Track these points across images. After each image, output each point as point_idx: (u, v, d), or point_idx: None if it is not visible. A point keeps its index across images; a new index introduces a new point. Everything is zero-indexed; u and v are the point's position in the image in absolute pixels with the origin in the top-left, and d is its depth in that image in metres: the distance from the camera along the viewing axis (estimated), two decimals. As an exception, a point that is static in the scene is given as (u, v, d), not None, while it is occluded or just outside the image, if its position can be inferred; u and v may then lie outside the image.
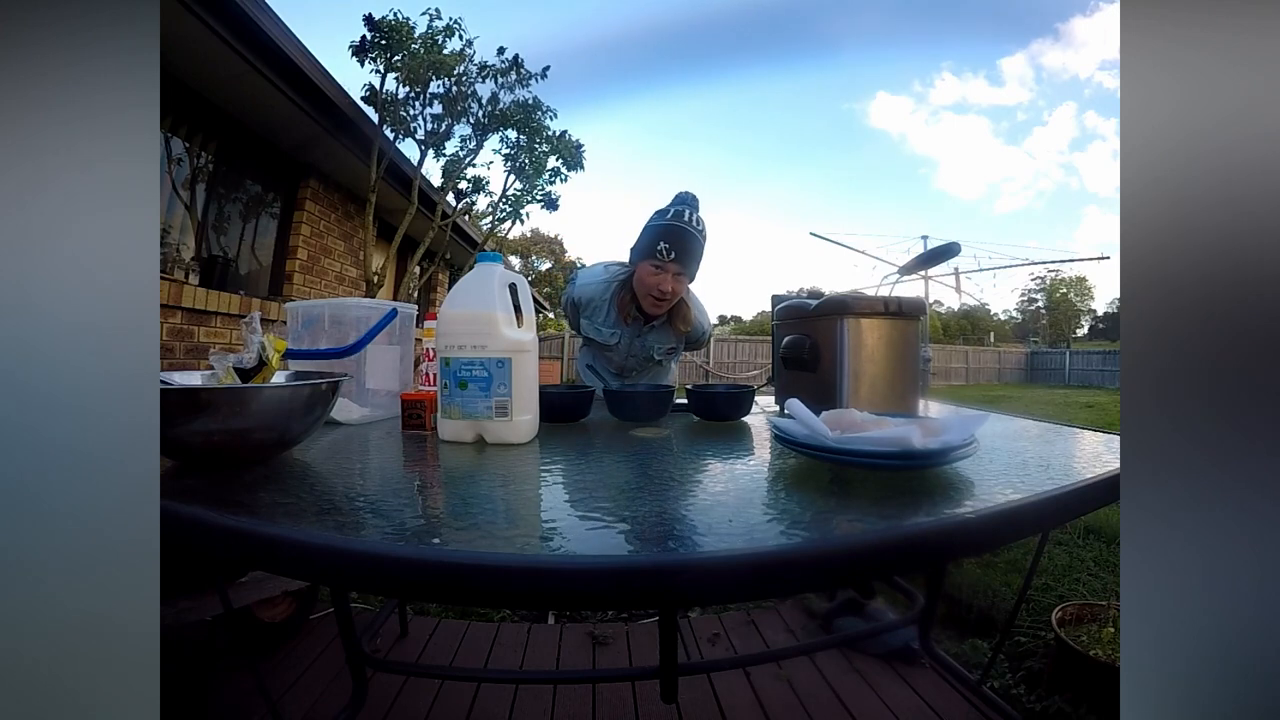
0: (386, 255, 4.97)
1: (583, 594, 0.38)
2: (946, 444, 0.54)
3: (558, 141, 5.24)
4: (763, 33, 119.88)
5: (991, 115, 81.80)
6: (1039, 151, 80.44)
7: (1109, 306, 43.25)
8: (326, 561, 0.39)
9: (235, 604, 1.22)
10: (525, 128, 4.99)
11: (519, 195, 5.40)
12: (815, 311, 1.03)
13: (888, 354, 0.97)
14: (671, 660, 0.97)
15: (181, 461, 0.60)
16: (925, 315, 1.03)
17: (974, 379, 18.86)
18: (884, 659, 1.47)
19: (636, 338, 1.51)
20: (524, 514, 0.50)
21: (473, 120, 4.84)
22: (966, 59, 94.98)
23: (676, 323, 1.49)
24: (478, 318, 0.74)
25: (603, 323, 1.49)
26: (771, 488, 0.56)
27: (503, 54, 4.81)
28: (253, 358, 0.69)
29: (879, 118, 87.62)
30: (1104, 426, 0.93)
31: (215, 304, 2.86)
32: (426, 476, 0.64)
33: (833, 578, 0.56)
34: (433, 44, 4.47)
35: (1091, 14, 74.94)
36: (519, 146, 5.14)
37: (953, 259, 1.11)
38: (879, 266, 18.12)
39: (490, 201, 5.58)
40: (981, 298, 47.08)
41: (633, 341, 1.52)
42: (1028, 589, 1.12)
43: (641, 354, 1.54)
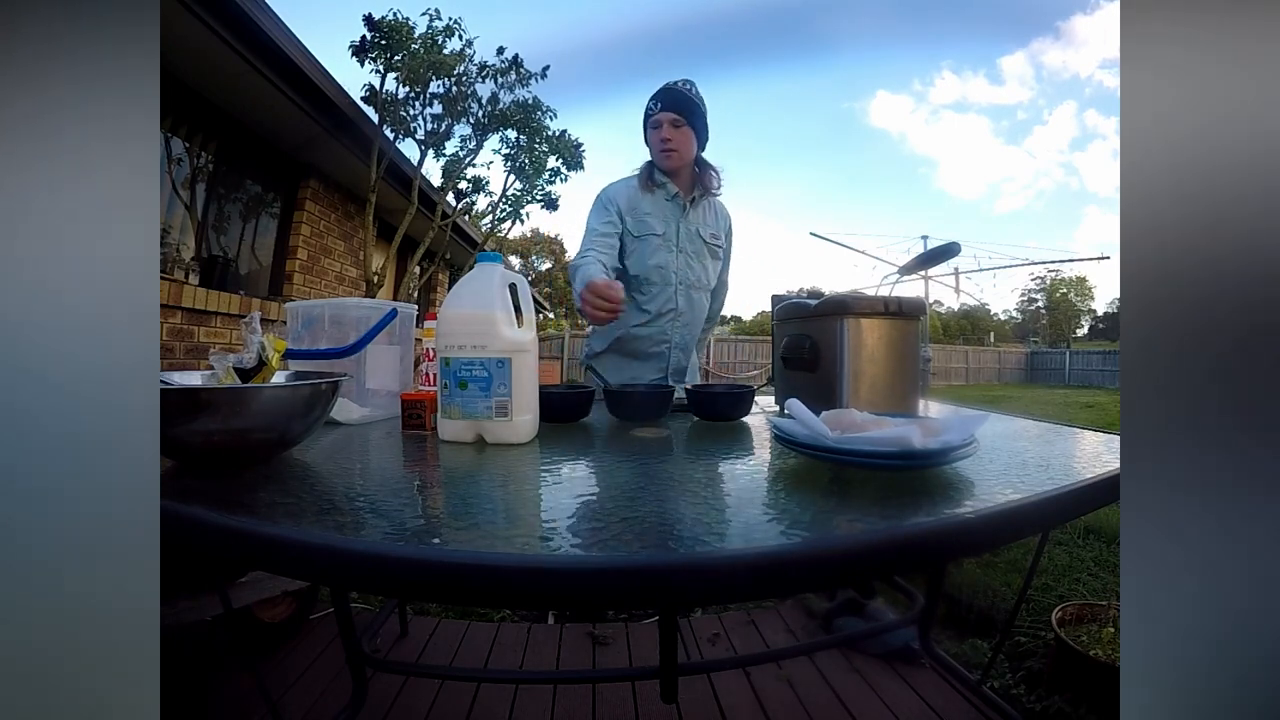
0: (386, 255, 4.97)
1: (583, 594, 0.38)
2: (946, 444, 0.54)
3: (558, 141, 5.24)
4: (762, 32, 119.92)
5: (991, 114, 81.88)
6: (1039, 151, 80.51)
7: (1109, 306, 43.27)
8: (326, 561, 0.39)
9: (235, 604, 1.23)
10: (525, 128, 5.00)
11: (519, 195, 5.40)
12: (815, 311, 1.03)
13: (888, 354, 0.97)
14: (671, 660, 0.97)
15: (181, 461, 0.60)
16: (925, 315, 1.03)
17: (974, 379, 18.86)
18: (884, 659, 1.47)
19: (682, 220, 1.56)
20: (524, 514, 0.50)
21: (473, 120, 4.85)
22: (966, 57, 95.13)
23: (708, 183, 1.58)
24: (478, 318, 0.74)
25: (648, 214, 1.54)
26: (771, 488, 0.56)
27: (502, 54, 4.82)
28: (253, 358, 0.69)
29: (879, 117, 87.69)
30: (1104, 426, 0.93)
31: (215, 304, 2.86)
32: (426, 476, 0.64)
33: (833, 578, 0.56)
34: (433, 44, 4.47)
35: (1092, 12, 74.99)
36: (519, 146, 5.15)
37: (953, 259, 1.11)
38: (879, 266, 18.13)
39: (490, 201, 5.59)
40: (981, 298, 47.13)
41: (681, 225, 1.56)
42: (1028, 589, 1.12)
43: (695, 238, 1.58)
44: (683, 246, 1.56)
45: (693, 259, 1.58)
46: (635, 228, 1.53)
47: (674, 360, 1.61)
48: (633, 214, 1.53)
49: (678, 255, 1.56)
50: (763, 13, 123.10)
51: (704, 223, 1.60)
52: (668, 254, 1.55)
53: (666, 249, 1.55)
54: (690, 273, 1.58)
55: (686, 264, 1.57)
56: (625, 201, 1.54)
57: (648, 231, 1.53)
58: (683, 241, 1.56)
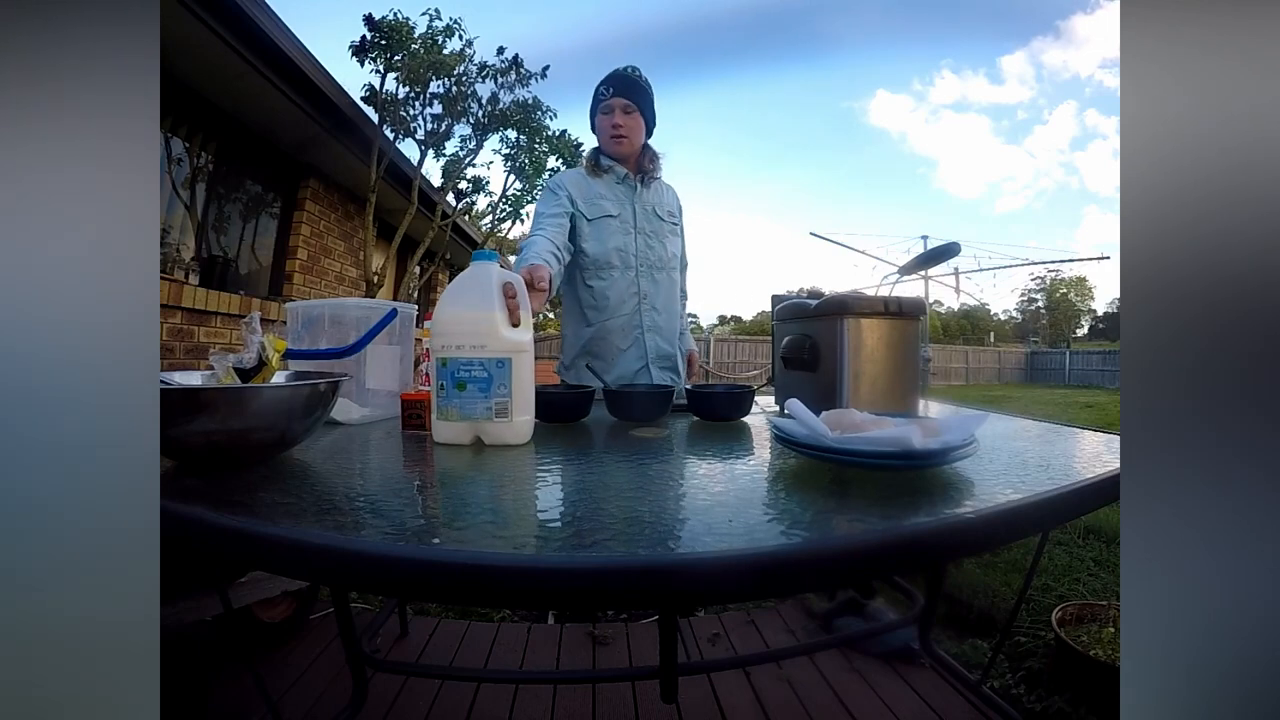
0: (386, 255, 4.97)
1: (583, 594, 0.38)
2: (946, 444, 0.54)
3: (557, 141, 5.25)
4: (762, 32, 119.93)
5: (992, 114, 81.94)
6: (1039, 150, 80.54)
7: (1109, 306, 43.26)
8: (326, 561, 0.39)
9: (235, 604, 1.22)
10: (525, 128, 5.00)
11: (519, 195, 5.41)
12: (815, 311, 1.03)
13: (888, 354, 0.97)
14: (671, 660, 0.97)
15: (181, 461, 0.60)
16: (925, 315, 1.03)
17: (974, 379, 18.86)
18: (884, 659, 1.47)
19: (636, 200, 1.55)
20: (523, 514, 0.50)
21: (473, 120, 4.85)
22: (966, 57, 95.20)
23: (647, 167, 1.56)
24: (477, 318, 0.73)
25: (601, 196, 1.53)
26: (771, 488, 0.56)
27: (502, 54, 4.81)
28: (253, 358, 0.69)
29: (879, 116, 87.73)
30: (1104, 426, 0.93)
31: (215, 304, 2.86)
32: (426, 477, 0.64)
33: (833, 578, 0.56)
34: (433, 44, 4.47)
35: (1092, 11, 75.00)
36: (519, 146, 5.15)
37: (953, 259, 1.11)
38: (879, 266, 18.09)
39: (490, 201, 5.59)
40: (981, 298, 47.09)
41: (635, 206, 1.55)
42: (1028, 589, 1.12)
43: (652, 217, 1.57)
44: (640, 227, 1.55)
45: (652, 239, 1.56)
46: (589, 210, 1.52)
47: (651, 345, 1.56)
48: (584, 198, 1.52)
49: (636, 237, 1.55)
50: (763, 12, 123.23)
51: (659, 201, 1.60)
52: (625, 236, 1.53)
53: (624, 231, 1.53)
54: (651, 253, 1.56)
55: (646, 245, 1.56)
56: (574, 187, 1.52)
57: (602, 214, 1.52)
58: (640, 222, 1.55)
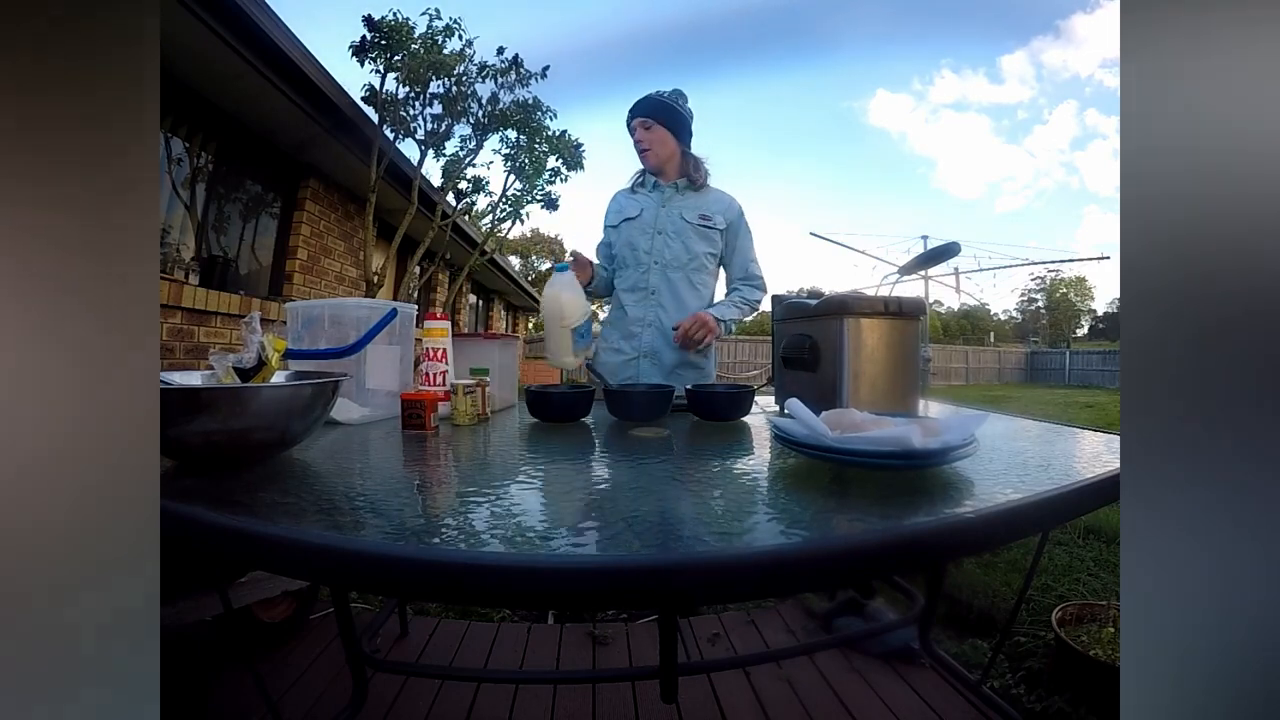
0: (386, 255, 4.96)
1: (583, 594, 0.38)
2: (946, 444, 0.54)
3: (557, 141, 5.24)
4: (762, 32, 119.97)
5: (991, 113, 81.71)
6: (1039, 150, 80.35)
7: (1109, 306, 43.24)
8: (326, 561, 0.39)
9: (235, 604, 1.22)
10: (525, 128, 4.99)
11: (519, 195, 5.40)
12: (815, 311, 1.03)
13: (888, 354, 0.97)
14: (671, 660, 0.97)
15: (181, 461, 0.60)
16: (925, 315, 1.03)
17: (974, 379, 18.86)
18: (884, 659, 1.47)
19: (662, 208, 1.61)
20: (524, 514, 0.50)
21: (473, 120, 4.84)
22: (966, 56, 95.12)
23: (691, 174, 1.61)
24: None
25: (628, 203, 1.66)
26: (771, 488, 0.56)
27: (502, 54, 4.80)
28: (252, 358, 0.69)
29: (878, 116, 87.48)
30: (1104, 426, 0.93)
31: (215, 304, 2.85)
32: (426, 476, 0.64)
33: (833, 577, 0.56)
34: (432, 44, 4.46)
35: (1092, 10, 74.78)
36: (519, 146, 5.14)
37: (953, 259, 1.11)
38: (879, 266, 18.09)
39: (490, 201, 5.59)
40: (981, 298, 47.03)
41: (659, 211, 1.61)
42: (1028, 589, 1.12)
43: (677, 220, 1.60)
44: (661, 227, 1.59)
45: (672, 238, 1.59)
46: (613, 219, 1.67)
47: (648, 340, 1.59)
48: (616, 210, 1.68)
49: (655, 236, 1.59)
50: (763, 12, 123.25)
51: (700, 206, 1.62)
52: (640, 234, 1.61)
53: (640, 230, 1.61)
54: (668, 251, 1.59)
55: (665, 244, 1.59)
56: (617, 205, 1.69)
57: (623, 218, 1.64)
58: (661, 223, 1.60)
